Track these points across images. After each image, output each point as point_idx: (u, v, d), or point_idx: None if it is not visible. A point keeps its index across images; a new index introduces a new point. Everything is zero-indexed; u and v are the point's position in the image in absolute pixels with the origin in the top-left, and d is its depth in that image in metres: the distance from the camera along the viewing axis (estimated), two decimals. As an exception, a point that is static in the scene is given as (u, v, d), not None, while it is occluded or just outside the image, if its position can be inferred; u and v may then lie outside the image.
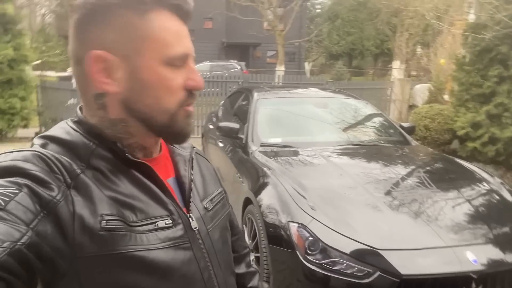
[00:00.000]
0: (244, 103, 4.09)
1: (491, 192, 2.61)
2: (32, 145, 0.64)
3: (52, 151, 0.61)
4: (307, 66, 20.24)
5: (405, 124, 3.81)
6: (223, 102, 5.32)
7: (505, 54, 5.65)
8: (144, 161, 0.68)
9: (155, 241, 0.63)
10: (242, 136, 3.38)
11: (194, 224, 0.71)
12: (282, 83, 9.05)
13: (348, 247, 1.98)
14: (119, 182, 0.64)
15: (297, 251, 2.05)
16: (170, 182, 0.74)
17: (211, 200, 0.80)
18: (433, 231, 2.06)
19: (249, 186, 2.73)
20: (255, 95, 3.82)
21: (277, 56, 15.13)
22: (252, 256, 2.60)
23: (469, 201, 2.43)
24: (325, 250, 2.00)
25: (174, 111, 0.66)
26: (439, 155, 3.36)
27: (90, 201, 0.59)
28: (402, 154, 3.26)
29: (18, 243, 0.49)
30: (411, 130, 3.76)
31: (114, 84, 0.64)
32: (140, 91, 0.64)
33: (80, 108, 0.70)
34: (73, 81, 10.08)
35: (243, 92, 4.36)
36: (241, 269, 0.94)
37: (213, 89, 9.05)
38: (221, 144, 3.91)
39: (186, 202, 0.74)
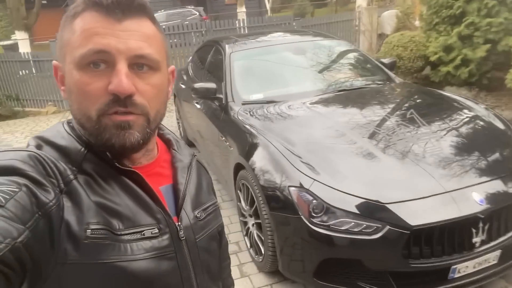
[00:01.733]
0: (215, 57, 3.82)
1: (482, 122, 2.59)
2: (28, 145, 0.65)
3: (47, 153, 0.62)
4: (268, 3, 19.31)
5: (385, 60, 3.69)
6: (191, 58, 4.98)
7: (474, -30, 5.47)
8: (133, 169, 0.67)
9: (139, 251, 0.63)
10: (220, 96, 3.18)
11: (181, 234, 0.71)
12: (247, 27, 8.59)
13: (353, 205, 1.93)
14: (109, 189, 0.64)
15: (301, 216, 1.98)
16: (163, 189, 0.73)
17: (204, 209, 0.79)
18: (433, 177, 2.02)
19: (239, 151, 2.59)
20: (227, 48, 3.55)
21: (235, -4, 14.31)
22: (252, 221, 2.54)
23: (463, 134, 2.40)
24: (331, 211, 1.94)
25: (96, 119, 0.63)
26: (425, 90, 3.29)
27: (79, 208, 0.59)
28: (387, 94, 3.17)
29: (17, 241, 0.50)
30: (392, 66, 3.65)
31: (66, 91, 0.67)
32: (69, 96, 0.65)
33: None
34: (22, 50, 9.27)
35: (212, 46, 4.06)
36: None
37: (175, 40, 8.50)
38: (198, 106, 3.69)
39: (178, 210, 0.73)
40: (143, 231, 0.65)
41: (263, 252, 2.38)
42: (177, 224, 0.71)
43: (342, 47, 3.78)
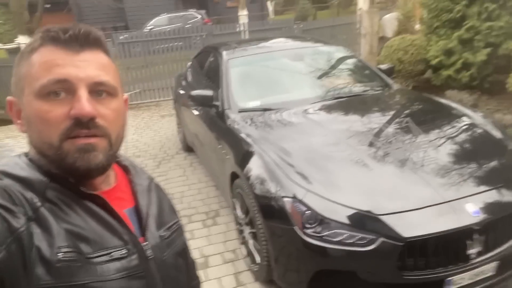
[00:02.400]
0: (213, 64, 3.82)
1: (479, 130, 2.57)
2: None
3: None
4: (270, 6, 19.32)
5: (383, 66, 3.67)
6: (189, 63, 4.99)
7: (474, -26, 5.45)
8: (97, 194, 0.69)
9: (109, 272, 0.64)
10: (217, 103, 3.17)
11: (149, 253, 0.73)
12: (248, 31, 8.60)
13: (347, 216, 1.91)
14: (74, 215, 0.66)
15: (295, 227, 1.97)
16: (127, 212, 0.76)
17: (168, 228, 0.82)
18: (431, 184, 2.01)
19: (234, 159, 2.59)
20: (224, 54, 3.55)
21: (237, -1, 14.33)
22: (247, 230, 2.53)
23: (460, 142, 2.39)
24: (324, 222, 1.92)
25: (57, 145, 0.64)
26: (423, 97, 3.27)
27: (49, 233, 0.60)
28: (385, 101, 3.16)
29: None
30: (390, 71, 3.64)
31: (23, 124, 0.69)
32: (28, 127, 0.67)
33: None
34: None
35: (210, 52, 4.06)
36: None
37: (175, 44, 8.52)
38: (196, 112, 3.69)
39: (143, 231, 0.75)
40: (111, 252, 0.66)
41: (258, 262, 2.37)
42: (143, 244, 0.73)
43: (339, 53, 3.77)
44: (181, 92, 4.59)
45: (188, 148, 4.83)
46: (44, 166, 0.68)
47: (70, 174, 0.67)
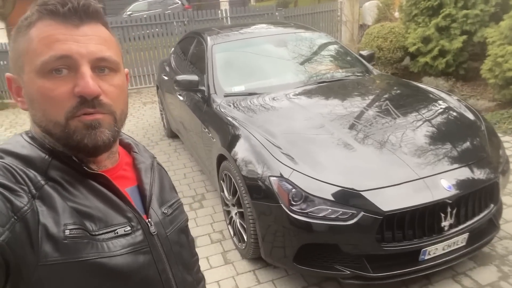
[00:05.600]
0: (198, 49, 3.84)
1: (454, 113, 2.71)
2: None
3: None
4: (251, -8, 19.20)
5: (364, 52, 3.77)
6: (173, 49, 4.98)
7: (451, -37, 5.60)
8: (100, 173, 0.70)
9: (115, 248, 0.66)
10: (203, 88, 3.22)
11: (152, 229, 0.74)
12: (230, 17, 8.57)
13: (330, 193, 2.02)
14: (77, 193, 0.66)
15: (281, 204, 2.07)
16: (129, 190, 0.77)
17: (169, 206, 0.84)
18: (408, 163, 2.13)
19: (221, 142, 2.66)
20: (209, 40, 3.58)
21: (218, -15, 14.17)
22: (235, 210, 2.62)
23: (436, 124, 2.52)
24: (309, 199, 2.03)
25: (64, 122, 0.64)
26: (402, 82, 3.40)
27: (54, 211, 0.61)
28: (366, 85, 3.26)
29: (0, 239, 0.52)
30: (370, 58, 3.75)
31: (24, 102, 0.67)
32: (31, 106, 0.66)
33: None
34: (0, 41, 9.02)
35: (195, 37, 4.08)
36: None
37: (157, 30, 8.42)
38: (181, 98, 3.72)
39: (146, 208, 0.77)
40: (116, 229, 0.67)
41: (245, 240, 2.47)
42: (147, 220, 0.74)
43: (322, 40, 3.85)
44: (165, 78, 4.59)
45: (172, 134, 4.85)
46: (47, 143, 0.67)
47: (78, 151, 0.66)
